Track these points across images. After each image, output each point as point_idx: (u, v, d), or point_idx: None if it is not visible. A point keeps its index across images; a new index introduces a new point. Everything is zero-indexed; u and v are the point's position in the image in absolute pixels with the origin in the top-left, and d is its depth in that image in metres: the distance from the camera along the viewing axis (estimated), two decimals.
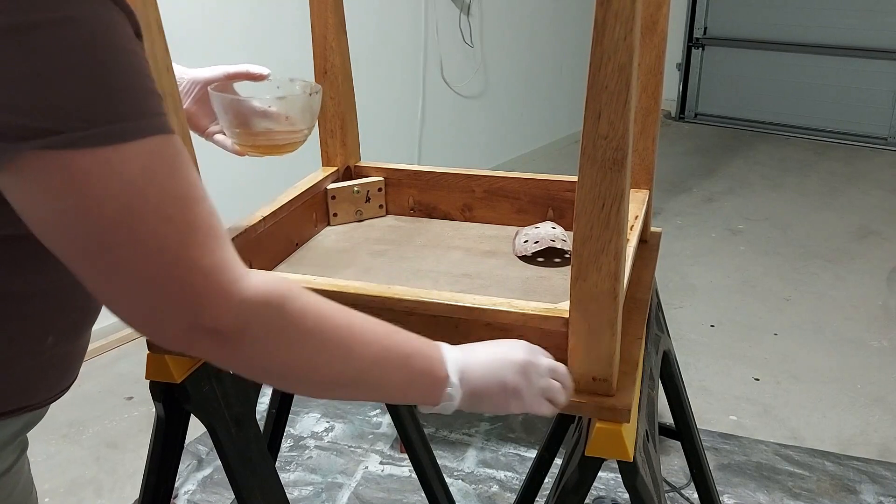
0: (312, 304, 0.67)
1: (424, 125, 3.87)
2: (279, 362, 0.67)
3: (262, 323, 0.64)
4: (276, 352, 0.66)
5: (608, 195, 0.77)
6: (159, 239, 0.59)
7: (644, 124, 1.15)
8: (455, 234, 1.27)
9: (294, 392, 0.71)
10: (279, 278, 0.67)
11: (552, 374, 0.82)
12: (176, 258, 0.59)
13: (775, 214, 3.85)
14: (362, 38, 3.31)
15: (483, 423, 2.26)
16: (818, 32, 5.03)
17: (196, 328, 0.62)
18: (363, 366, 0.71)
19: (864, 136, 5.00)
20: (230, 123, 1.02)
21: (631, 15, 0.70)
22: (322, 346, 0.68)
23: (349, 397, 0.75)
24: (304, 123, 1.04)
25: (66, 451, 2.14)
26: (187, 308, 0.61)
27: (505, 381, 0.78)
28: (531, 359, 0.80)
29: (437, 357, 0.76)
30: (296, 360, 0.67)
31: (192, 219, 0.61)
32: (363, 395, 0.76)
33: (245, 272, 0.64)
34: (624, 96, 0.73)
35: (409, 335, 0.75)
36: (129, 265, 0.59)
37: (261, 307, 0.63)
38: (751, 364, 2.58)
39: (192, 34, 2.63)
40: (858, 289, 3.09)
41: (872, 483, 2.03)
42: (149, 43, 0.81)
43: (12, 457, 0.82)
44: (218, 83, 1.03)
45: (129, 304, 0.61)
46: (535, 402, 0.80)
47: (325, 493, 2.00)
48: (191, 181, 0.61)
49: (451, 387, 0.75)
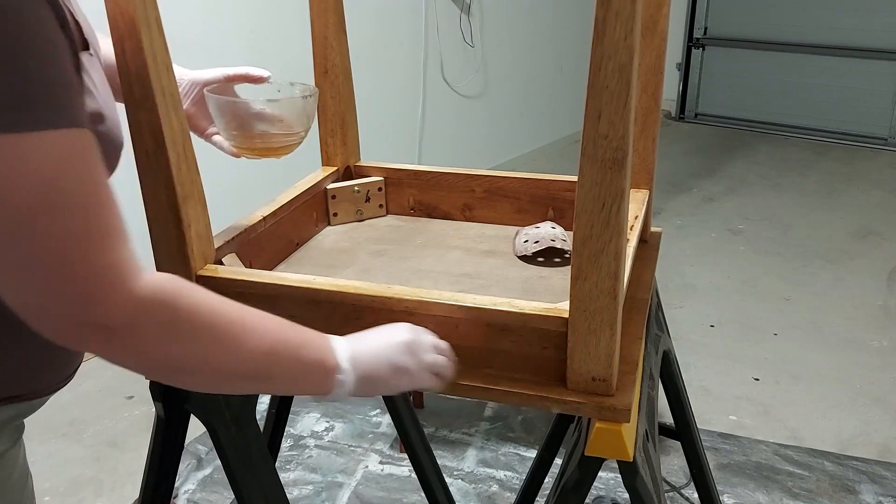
0: (204, 300, 0.69)
1: (425, 125, 3.87)
2: (171, 357, 0.68)
3: (152, 319, 0.65)
4: (168, 347, 0.67)
5: (608, 195, 0.77)
6: (61, 232, 0.59)
7: (644, 124, 1.15)
8: (455, 233, 1.27)
9: (186, 387, 0.74)
10: (171, 276, 0.68)
11: (436, 350, 0.86)
12: (74, 253, 0.60)
13: (775, 214, 3.85)
14: (362, 37, 3.31)
15: (483, 423, 2.26)
16: (818, 32, 5.03)
17: (85, 324, 0.62)
18: (255, 359, 0.72)
19: (864, 136, 4.99)
20: (226, 125, 1.02)
21: (631, 15, 0.70)
22: (214, 341, 0.69)
23: (242, 390, 0.77)
24: (299, 126, 1.04)
25: (66, 451, 2.14)
26: (77, 303, 0.61)
27: (393, 361, 0.82)
28: (415, 337, 0.84)
29: (326, 347, 0.78)
30: (188, 354, 0.68)
31: (95, 216, 0.61)
32: (256, 388, 0.78)
33: (137, 271, 0.64)
34: (624, 96, 0.73)
35: (298, 328, 0.77)
36: (28, 255, 0.59)
37: (151, 304, 0.64)
38: (751, 364, 2.58)
39: (192, 34, 2.62)
40: (858, 289, 3.09)
41: (872, 483, 2.03)
42: (148, 42, 0.82)
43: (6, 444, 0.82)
44: (217, 85, 1.03)
45: (22, 294, 0.61)
46: (424, 376, 0.84)
47: (325, 492, 2.00)
48: (99, 179, 0.62)
49: (343, 373, 0.78)
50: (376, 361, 0.81)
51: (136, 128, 0.86)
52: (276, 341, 0.74)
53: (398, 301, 0.90)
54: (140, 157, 0.88)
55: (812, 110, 5.16)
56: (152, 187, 0.90)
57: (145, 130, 0.86)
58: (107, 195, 0.63)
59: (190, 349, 0.68)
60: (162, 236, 0.93)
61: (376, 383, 0.82)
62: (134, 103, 0.85)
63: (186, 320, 0.67)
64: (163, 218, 0.91)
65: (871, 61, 4.90)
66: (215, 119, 1.02)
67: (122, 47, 0.82)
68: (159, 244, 0.93)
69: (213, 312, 0.69)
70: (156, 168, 0.88)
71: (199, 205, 0.94)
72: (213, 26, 2.72)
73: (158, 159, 0.87)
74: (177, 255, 0.93)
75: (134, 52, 0.82)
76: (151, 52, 0.82)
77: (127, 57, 0.82)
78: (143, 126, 0.86)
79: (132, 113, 0.86)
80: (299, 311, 0.93)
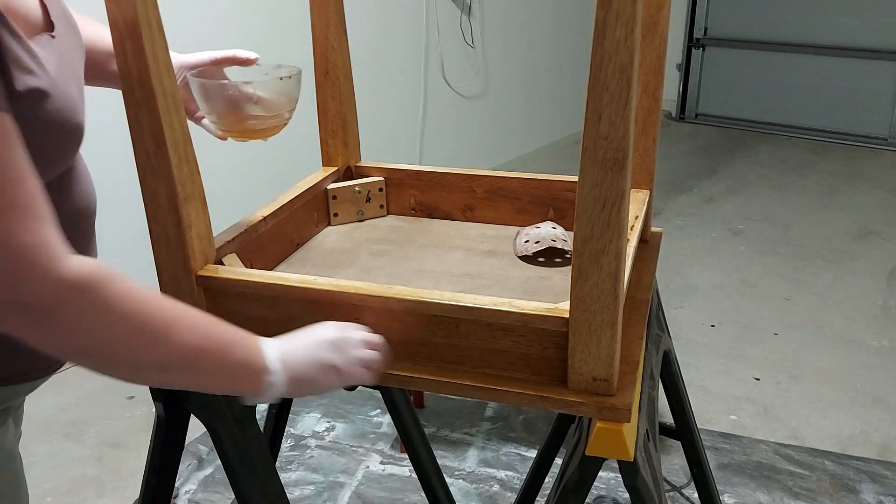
0: (132, 290, 0.69)
1: (425, 125, 3.87)
2: (95, 343, 0.68)
3: (79, 303, 0.65)
4: (92, 333, 0.67)
5: (609, 195, 0.77)
6: None
7: (645, 124, 1.16)
8: (456, 234, 1.27)
9: (106, 374, 0.74)
10: (99, 263, 0.68)
11: (366, 345, 0.87)
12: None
13: (775, 214, 3.85)
14: (363, 38, 3.30)
15: (484, 423, 2.26)
16: (818, 32, 5.02)
17: (9, 303, 0.62)
18: (181, 352, 0.72)
19: (864, 136, 4.99)
20: (210, 108, 1.02)
21: (632, 15, 0.70)
22: (140, 331, 0.69)
23: (167, 383, 0.77)
24: (283, 107, 1.04)
25: (67, 451, 2.14)
26: (5, 282, 0.62)
27: (322, 360, 0.83)
28: (342, 334, 0.86)
29: (255, 348, 0.79)
30: (112, 342, 0.68)
31: (11, 197, 0.61)
32: (182, 382, 0.78)
33: (65, 254, 0.65)
34: (625, 96, 0.73)
35: (228, 327, 0.78)
36: None
37: (79, 288, 0.64)
38: (751, 364, 2.58)
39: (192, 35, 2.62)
40: (858, 289, 3.09)
41: (872, 482, 2.03)
42: (149, 43, 0.82)
43: None
44: (205, 68, 1.03)
45: None
46: (353, 372, 0.85)
47: (326, 492, 2.00)
48: (15, 161, 0.62)
49: (273, 374, 0.79)
50: (305, 361, 0.82)
51: (137, 129, 0.86)
52: (204, 338, 0.74)
53: (399, 301, 0.90)
54: (141, 157, 0.88)
55: (812, 110, 5.15)
56: (153, 187, 0.90)
57: (146, 131, 0.86)
58: (25, 175, 0.63)
59: (113, 337, 0.68)
60: (162, 236, 0.93)
61: (306, 383, 0.83)
62: (135, 104, 0.85)
63: (112, 308, 0.67)
64: (163, 218, 0.91)
65: (871, 61, 4.90)
66: (199, 102, 1.02)
67: (123, 48, 0.82)
68: (159, 244, 0.93)
69: (139, 303, 0.69)
70: (156, 168, 0.88)
71: (200, 205, 0.94)
72: (213, 27, 2.72)
73: (159, 160, 0.88)
74: (177, 255, 0.93)
75: (135, 53, 0.82)
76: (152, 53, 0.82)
77: (128, 58, 0.82)
78: (144, 127, 0.86)
79: (133, 114, 0.86)
80: (299, 311, 0.93)
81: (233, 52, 1.04)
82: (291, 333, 0.85)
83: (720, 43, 5.39)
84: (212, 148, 1.07)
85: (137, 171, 0.89)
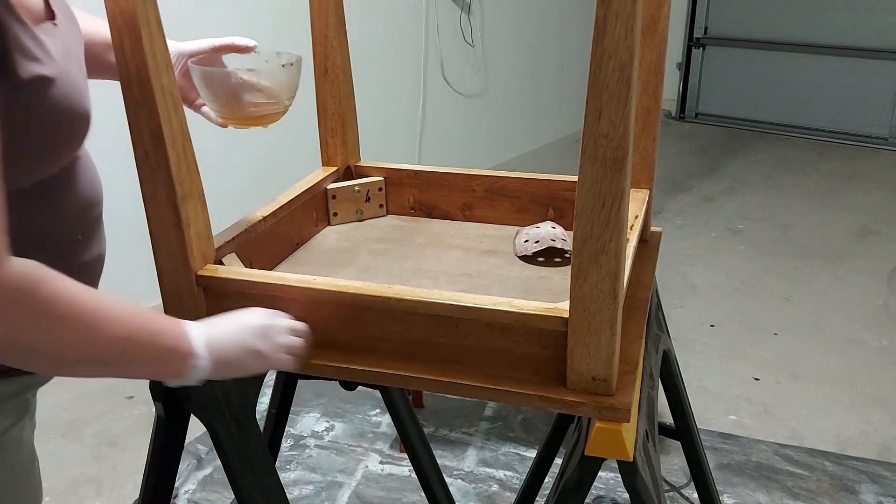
0: (63, 289, 0.71)
1: (425, 124, 3.87)
2: (29, 343, 0.70)
3: (11, 305, 0.67)
4: (26, 333, 0.69)
5: (608, 194, 0.77)
6: None
7: (644, 124, 1.15)
8: (455, 233, 1.27)
9: (37, 370, 0.80)
10: (33, 264, 0.69)
11: (292, 332, 0.89)
12: None
13: (775, 214, 3.84)
14: (363, 37, 3.30)
15: (483, 423, 2.26)
16: (818, 32, 5.02)
17: None
18: (111, 345, 0.75)
19: (865, 136, 4.99)
20: (211, 96, 1.02)
21: (632, 14, 0.70)
22: (71, 329, 0.71)
23: (99, 374, 0.79)
24: (283, 95, 1.04)
25: (66, 450, 2.14)
26: None
27: (248, 345, 0.85)
28: (269, 322, 0.88)
29: (180, 333, 0.81)
30: (46, 341, 0.70)
31: None
32: (113, 373, 0.80)
33: (2, 256, 0.66)
34: (625, 95, 0.73)
35: (155, 316, 0.80)
36: None
37: (11, 291, 0.66)
38: (751, 364, 2.58)
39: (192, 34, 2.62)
40: (858, 289, 3.09)
41: (872, 483, 2.03)
42: (148, 41, 0.81)
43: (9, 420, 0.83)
44: (204, 56, 1.03)
45: None
46: (278, 358, 0.88)
47: (325, 492, 2.00)
48: None
49: (199, 358, 0.81)
50: (231, 345, 0.84)
51: (136, 127, 0.86)
52: (131, 329, 0.76)
53: (398, 301, 0.90)
54: (140, 156, 0.88)
55: (812, 110, 5.15)
56: (152, 187, 0.90)
57: (145, 130, 0.86)
58: None
59: (46, 336, 0.70)
60: (162, 236, 0.92)
61: (231, 366, 0.85)
62: (134, 102, 0.85)
63: (45, 309, 0.69)
64: (163, 217, 0.91)
65: (871, 61, 4.90)
66: (200, 90, 1.02)
67: (122, 46, 0.82)
68: (159, 244, 0.93)
69: (70, 302, 0.71)
70: (155, 167, 0.88)
71: (199, 204, 0.94)
72: (213, 27, 2.72)
73: (158, 159, 0.87)
74: (177, 254, 0.93)
75: (134, 50, 0.81)
76: (151, 51, 0.82)
77: (127, 56, 0.82)
78: (143, 125, 0.86)
79: (132, 112, 0.85)
80: (299, 311, 0.93)
81: (231, 40, 1.04)
82: (218, 316, 0.87)
83: (720, 42, 5.39)
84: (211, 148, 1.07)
85: (136, 170, 0.89)
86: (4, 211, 0.66)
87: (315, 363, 0.94)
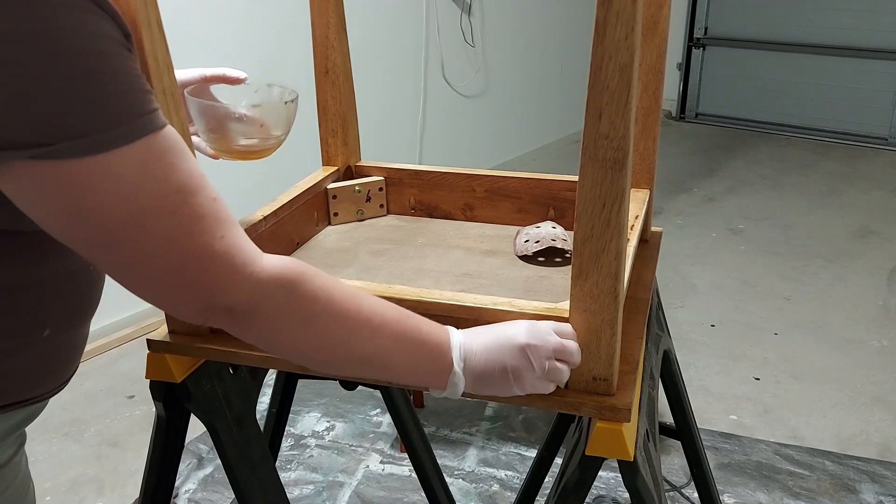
0: (323, 288, 0.71)
1: (425, 125, 3.87)
2: (289, 340, 0.71)
3: (272, 303, 0.67)
4: (286, 331, 0.70)
5: (609, 195, 0.77)
6: (167, 232, 0.61)
7: (645, 124, 1.15)
8: (456, 233, 1.27)
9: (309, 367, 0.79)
10: (293, 261, 0.70)
11: (557, 355, 0.81)
12: (186, 248, 0.63)
13: (775, 214, 3.85)
14: (363, 37, 3.31)
15: (484, 423, 2.26)
16: (818, 32, 5.02)
17: (211, 308, 0.66)
18: (370, 350, 0.74)
19: (865, 136, 5.00)
20: (205, 128, 1.01)
21: (632, 15, 0.70)
22: (330, 329, 0.71)
23: (358, 375, 0.79)
24: (279, 129, 1.03)
25: (67, 450, 2.14)
26: (202, 291, 0.65)
27: (506, 365, 0.79)
28: (532, 342, 0.80)
29: (445, 342, 0.79)
30: (305, 339, 0.71)
31: (196, 208, 0.63)
32: (370, 375, 0.79)
33: (258, 254, 0.67)
34: (625, 96, 0.73)
35: (419, 320, 0.78)
36: (142, 258, 0.62)
37: (272, 289, 0.67)
38: (751, 364, 2.58)
39: (192, 34, 2.63)
40: (858, 289, 3.09)
41: (872, 482, 2.03)
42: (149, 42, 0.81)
43: (10, 451, 0.83)
44: (195, 86, 1.03)
45: (148, 291, 0.65)
46: (537, 384, 0.81)
47: (325, 491, 2.00)
48: (189, 172, 0.63)
49: (454, 374, 0.78)
50: (489, 363, 0.79)
51: None
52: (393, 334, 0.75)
53: (399, 301, 0.90)
54: None
55: (812, 110, 5.16)
56: None
57: None
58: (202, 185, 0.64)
59: (305, 335, 0.70)
60: None
61: (487, 384, 0.80)
62: None
63: (303, 307, 0.69)
64: None
65: (871, 61, 4.90)
66: (195, 121, 1.01)
67: None
68: None
69: (330, 300, 0.71)
70: None
71: None
72: (213, 27, 2.72)
73: None
74: None
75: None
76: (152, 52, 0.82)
77: None
78: None
79: None
80: None
81: (222, 71, 1.03)
82: (482, 327, 0.83)
83: (720, 42, 5.39)
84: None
85: None
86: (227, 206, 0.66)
87: None
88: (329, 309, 0.71)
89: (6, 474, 0.83)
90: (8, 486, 0.83)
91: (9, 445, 0.82)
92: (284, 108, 1.03)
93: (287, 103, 1.03)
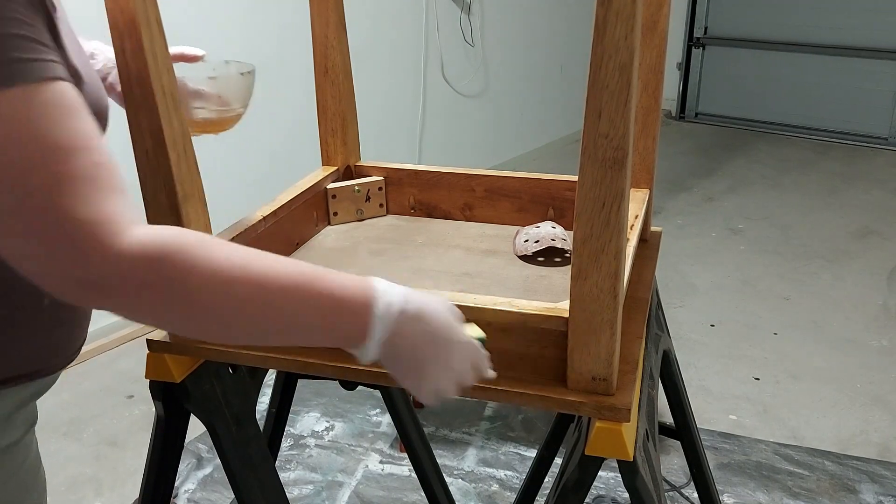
0: (204, 258, 0.63)
1: (425, 124, 3.87)
2: (168, 318, 0.64)
3: (136, 279, 0.60)
4: (160, 309, 0.63)
5: (608, 194, 0.77)
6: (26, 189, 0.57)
7: (644, 123, 1.15)
8: (455, 233, 1.27)
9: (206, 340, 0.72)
10: (169, 230, 0.63)
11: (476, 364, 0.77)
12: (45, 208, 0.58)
13: (775, 214, 3.85)
14: (363, 37, 3.30)
15: (483, 423, 2.26)
16: (818, 32, 5.02)
17: (80, 281, 0.60)
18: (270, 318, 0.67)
19: (865, 136, 4.99)
20: None
21: (632, 14, 0.70)
22: (215, 302, 0.64)
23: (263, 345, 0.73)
24: (237, 103, 1.04)
25: (66, 449, 2.14)
26: (67, 259, 0.59)
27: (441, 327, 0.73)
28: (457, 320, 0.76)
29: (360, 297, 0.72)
30: (186, 315, 0.64)
31: (69, 168, 0.59)
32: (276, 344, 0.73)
33: (130, 225, 0.60)
34: (625, 95, 0.73)
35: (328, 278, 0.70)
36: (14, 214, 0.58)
37: (138, 263, 0.60)
38: (751, 364, 2.58)
39: (191, 34, 2.62)
40: (858, 289, 3.09)
41: (872, 482, 2.03)
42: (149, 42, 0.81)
43: (21, 429, 0.82)
44: None
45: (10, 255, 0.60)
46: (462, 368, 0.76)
47: (325, 491, 2.00)
48: (75, 130, 0.60)
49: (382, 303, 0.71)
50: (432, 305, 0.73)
51: (137, 127, 0.86)
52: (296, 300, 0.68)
53: None
54: (140, 156, 0.88)
55: (812, 110, 5.15)
56: (152, 187, 0.89)
57: (145, 130, 0.86)
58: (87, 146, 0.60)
59: (189, 310, 0.63)
60: None
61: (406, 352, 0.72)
62: (134, 103, 0.85)
63: (179, 279, 0.62)
64: (163, 218, 0.91)
65: (871, 61, 4.90)
66: None
67: (123, 47, 0.82)
68: None
69: (212, 271, 0.63)
70: (156, 168, 0.88)
71: (200, 204, 0.94)
72: (213, 26, 2.72)
73: (159, 159, 0.87)
74: None
75: (134, 51, 0.81)
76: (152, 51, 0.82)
77: (127, 56, 0.82)
78: (144, 126, 0.86)
79: (132, 113, 0.85)
80: None
81: (180, 49, 1.03)
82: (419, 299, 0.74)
83: (720, 42, 5.39)
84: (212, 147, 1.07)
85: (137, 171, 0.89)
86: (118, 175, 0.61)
87: (315, 363, 0.94)
88: (209, 281, 0.62)
89: (17, 454, 0.82)
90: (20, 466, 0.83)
91: (20, 423, 0.82)
92: (240, 79, 1.03)
93: (243, 74, 1.03)
